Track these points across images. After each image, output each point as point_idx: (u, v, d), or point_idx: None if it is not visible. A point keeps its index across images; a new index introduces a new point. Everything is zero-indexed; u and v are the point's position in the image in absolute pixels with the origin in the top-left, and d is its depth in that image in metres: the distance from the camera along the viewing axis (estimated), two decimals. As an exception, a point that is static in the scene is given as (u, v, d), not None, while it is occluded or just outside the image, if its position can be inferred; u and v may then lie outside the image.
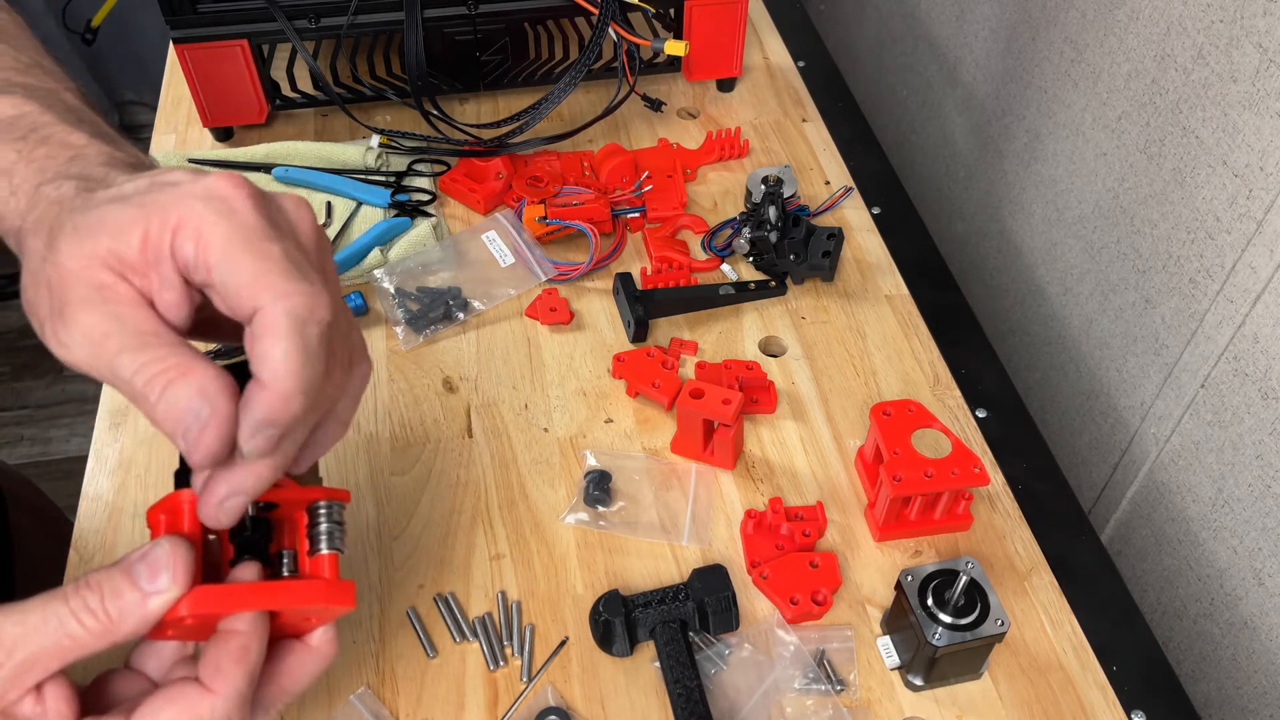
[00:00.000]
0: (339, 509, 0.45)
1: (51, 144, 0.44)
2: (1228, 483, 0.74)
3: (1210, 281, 0.73)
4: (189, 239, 0.38)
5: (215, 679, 0.40)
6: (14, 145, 0.44)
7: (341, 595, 0.43)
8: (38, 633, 0.37)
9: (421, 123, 0.95)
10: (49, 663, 0.38)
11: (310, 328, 0.38)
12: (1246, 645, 0.74)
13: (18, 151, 0.43)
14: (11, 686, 0.37)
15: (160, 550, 0.39)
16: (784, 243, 0.84)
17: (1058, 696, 0.62)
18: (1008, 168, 1.01)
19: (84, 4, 1.00)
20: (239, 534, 0.44)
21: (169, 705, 0.39)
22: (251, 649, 0.40)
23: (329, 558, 0.44)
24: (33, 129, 0.44)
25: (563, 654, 0.63)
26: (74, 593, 0.38)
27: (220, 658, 0.40)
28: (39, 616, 0.38)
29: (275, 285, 0.38)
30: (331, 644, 0.45)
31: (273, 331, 0.38)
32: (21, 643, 0.37)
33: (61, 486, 0.97)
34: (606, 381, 0.79)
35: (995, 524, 0.71)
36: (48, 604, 0.38)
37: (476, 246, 0.87)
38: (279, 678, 0.43)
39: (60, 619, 0.38)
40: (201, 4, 0.89)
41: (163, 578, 0.38)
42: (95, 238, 0.38)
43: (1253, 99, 0.67)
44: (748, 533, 0.69)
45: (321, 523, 0.44)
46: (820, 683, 0.61)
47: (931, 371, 0.80)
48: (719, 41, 1.01)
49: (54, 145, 0.44)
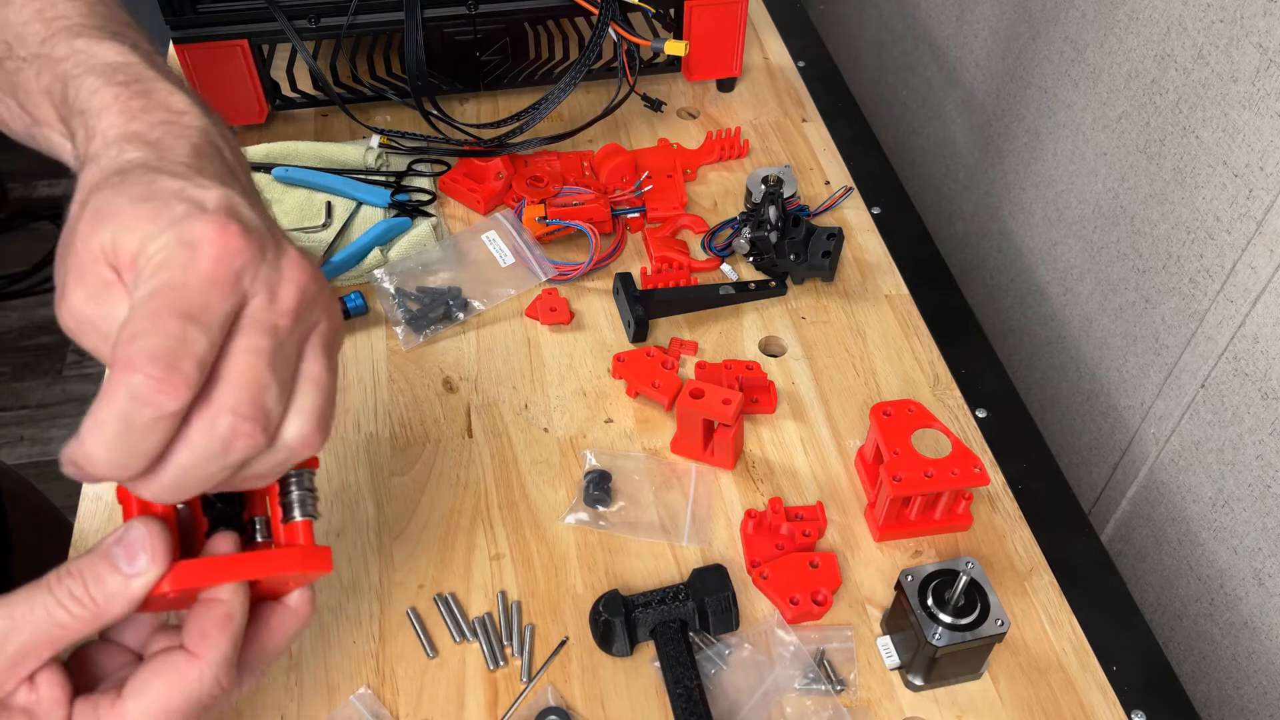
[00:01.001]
0: (309, 476, 0.46)
1: (151, 99, 0.43)
2: (1228, 483, 0.74)
3: (1210, 281, 0.73)
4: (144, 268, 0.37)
5: (200, 645, 0.40)
6: (113, 89, 0.43)
7: (319, 560, 0.44)
8: (27, 624, 0.38)
9: (421, 123, 0.95)
10: (40, 652, 0.38)
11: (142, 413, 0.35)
12: (1246, 645, 0.74)
13: (115, 96, 0.43)
14: (6, 678, 0.38)
15: (135, 532, 0.39)
16: (784, 243, 0.84)
17: (1058, 696, 0.62)
18: (1008, 168, 1.01)
19: (84, 4, 1.00)
20: (211, 507, 0.45)
21: (157, 677, 0.40)
22: (235, 615, 0.41)
23: (303, 524, 0.45)
24: (136, 79, 0.44)
25: (563, 654, 0.63)
26: (57, 582, 0.39)
27: (205, 624, 0.41)
28: (25, 608, 0.38)
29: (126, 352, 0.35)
30: (308, 604, 0.45)
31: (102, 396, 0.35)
32: (12, 635, 0.38)
33: (61, 486, 0.97)
34: (606, 381, 0.79)
35: (995, 524, 0.71)
36: (32, 595, 0.38)
37: (476, 246, 0.87)
38: (261, 639, 0.44)
39: (48, 608, 0.38)
40: (201, 4, 0.89)
41: (141, 559, 0.39)
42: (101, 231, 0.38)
43: (1253, 99, 0.67)
44: (748, 533, 0.69)
45: (293, 490, 0.45)
46: (820, 683, 0.61)
47: (931, 371, 0.80)
48: (719, 41, 1.01)
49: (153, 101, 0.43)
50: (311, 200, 0.91)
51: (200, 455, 0.37)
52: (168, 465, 0.37)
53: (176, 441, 0.37)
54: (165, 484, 0.38)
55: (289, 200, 0.90)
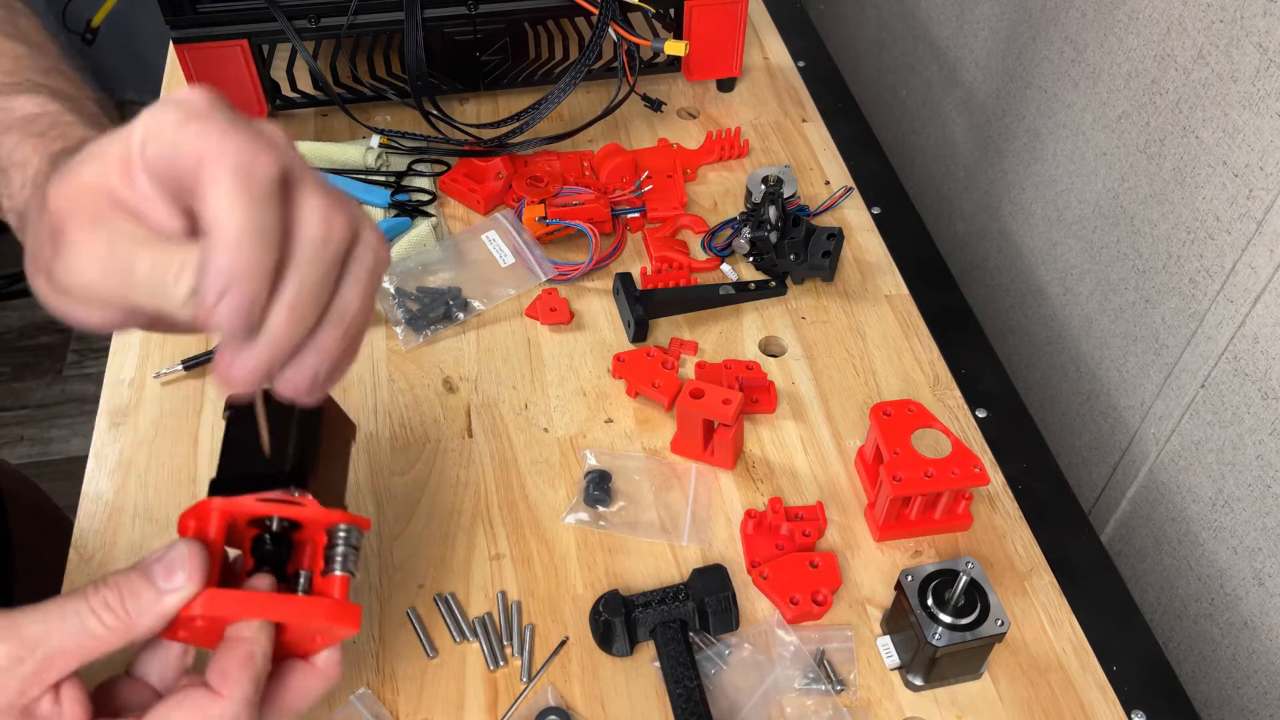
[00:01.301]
0: (357, 534, 0.47)
1: (70, 140, 0.44)
2: (1228, 483, 0.74)
3: (1210, 281, 0.73)
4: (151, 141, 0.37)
5: (223, 684, 0.41)
6: (32, 140, 0.44)
7: (346, 616, 0.44)
8: (58, 630, 0.39)
9: (421, 123, 0.95)
10: (69, 660, 0.39)
11: (256, 171, 0.36)
12: (1246, 645, 0.74)
13: (33, 147, 0.44)
14: (33, 683, 0.38)
15: (177, 551, 0.41)
16: (784, 243, 0.84)
17: (1058, 696, 0.62)
18: (1008, 168, 1.01)
19: (84, 4, 1.00)
20: (260, 547, 0.46)
21: (178, 709, 0.40)
22: (256, 656, 0.42)
23: (340, 579, 0.45)
24: (53, 126, 0.45)
25: (563, 654, 0.63)
26: (93, 592, 0.40)
27: (227, 664, 0.41)
28: (58, 615, 0.39)
29: (214, 144, 0.36)
30: (335, 665, 0.46)
31: (213, 182, 0.36)
32: (43, 639, 0.38)
33: (61, 486, 0.97)
34: (606, 381, 0.79)
35: (995, 524, 0.71)
36: (66, 603, 0.39)
37: (476, 246, 0.87)
38: (284, 694, 0.44)
39: (80, 616, 0.39)
40: (201, 4, 0.89)
41: (179, 575, 0.41)
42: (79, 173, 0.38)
43: (1253, 99, 0.67)
44: (748, 533, 0.69)
45: (339, 545, 0.46)
46: (820, 683, 0.61)
47: (931, 371, 0.80)
48: (719, 41, 1.01)
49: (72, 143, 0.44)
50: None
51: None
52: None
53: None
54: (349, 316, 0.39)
55: (289, 200, 0.90)
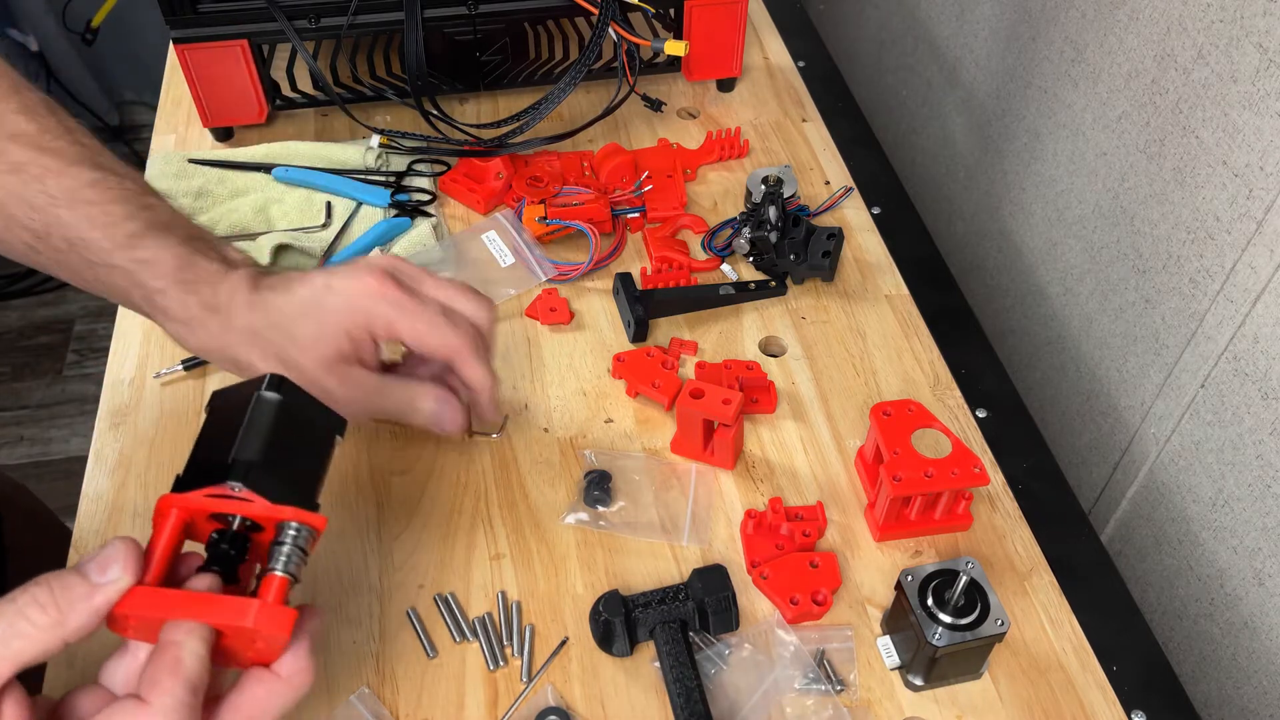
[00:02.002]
0: (308, 534, 0.44)
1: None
2: (1228, 483, 0.74)
3: (1210, 281, 0.73)
4: (381, 329, 0.60)
5: (150, 690, 0.39)
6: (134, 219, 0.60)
7: (275, 621, 0.41)
8: None
9: (421, 123, 0.95)
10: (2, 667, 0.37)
11: (483, 347, 0.64)
12: (1246, 645, 0.74)
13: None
14: None
15: (112, 547, 0.41)
16: (784, 243, 0.84)
17: (1058, 696, 0.62)
18: (1008, 168, 1.01)
19: (84, 4, 1.00)
20: (214, 547, 0.44)
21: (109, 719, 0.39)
22: (184, 661, 0.40)
23: (278, 580, 0.43)
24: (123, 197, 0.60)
25: (563, 654, 0.63)
26: (22, 592, 0.39)
27: (155, 670, 0.40)
28: None
29: (448, 343, 0.62)
30: (303, 674, 0.44)
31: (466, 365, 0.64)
32: None
33: (61, 486, 0.97)
34: (606, 381, 0.79)
35: (995, 524, 0.71)
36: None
37: (476, 246, 0.87)
38: (243, 705, 0.42)
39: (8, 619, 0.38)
40: (201, 4, 0.89)
41: (113, 569, 0.40)
42: (319, 347, 0.59)
43: (1253, 99, 0.67)
44: (748, 533, 0.69)
45: (285, 544, 0.44)
46: (820, 683, 0.61)
47: (931, 371, 0.80)
48: (719, 41, 1.01)
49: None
50: (311, 200, 0.91)
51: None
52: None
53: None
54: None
55: (289, 200, 0.90)
